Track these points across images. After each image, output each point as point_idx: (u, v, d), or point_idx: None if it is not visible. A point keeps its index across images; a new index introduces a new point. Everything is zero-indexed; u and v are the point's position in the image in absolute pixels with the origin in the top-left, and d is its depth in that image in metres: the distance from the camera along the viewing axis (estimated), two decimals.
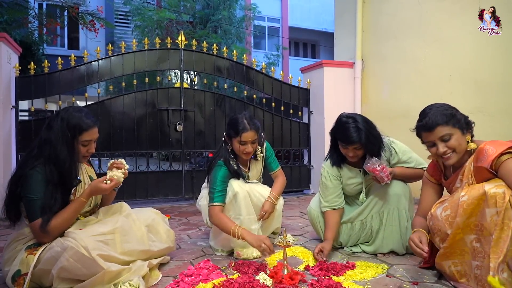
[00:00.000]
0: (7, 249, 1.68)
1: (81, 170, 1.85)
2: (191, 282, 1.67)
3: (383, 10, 4.30)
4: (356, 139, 1.93)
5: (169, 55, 4.22)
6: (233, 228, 1.95)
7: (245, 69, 4.53)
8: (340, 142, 2.03)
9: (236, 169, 2.19)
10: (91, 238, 1.55)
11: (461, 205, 1.48)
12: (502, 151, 1.45)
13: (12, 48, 3.62)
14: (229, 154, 2.21)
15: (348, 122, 1.98)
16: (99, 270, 1.50)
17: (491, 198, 1.40)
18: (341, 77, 4.61)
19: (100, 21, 6.46)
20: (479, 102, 3.27)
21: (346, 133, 1.96)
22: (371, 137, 1.97)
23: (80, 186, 1.80)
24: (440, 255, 1.62)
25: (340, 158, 2.15)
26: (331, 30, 5.98)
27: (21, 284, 1.54)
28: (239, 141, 2.11)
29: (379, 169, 1.95)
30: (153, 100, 4.12)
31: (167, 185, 4.13)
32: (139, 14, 10.49)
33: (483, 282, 1.47)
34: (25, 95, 3.71)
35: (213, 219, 2.06)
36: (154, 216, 1.96)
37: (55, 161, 1.64)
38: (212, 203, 2.08)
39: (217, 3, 10.87)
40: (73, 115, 1.70)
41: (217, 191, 2.09)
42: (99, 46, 4.08)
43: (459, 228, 1.50)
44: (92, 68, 3.91)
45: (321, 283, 1.62)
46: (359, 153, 2.02)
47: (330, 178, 2.17)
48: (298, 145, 4.76)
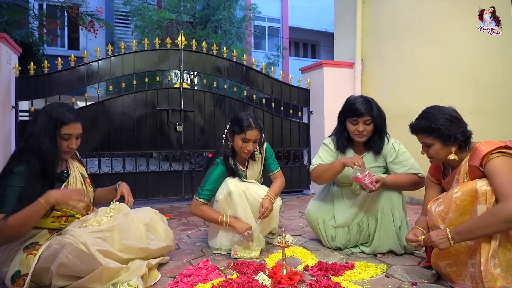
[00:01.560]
0: (5, 250, 1.68)
1: (72, 167, 1.86)
2: (190, 283, 1.67)
3: (383, 11, 4.30)
4: (366, 110, 2.03)
5: (169, 56, 4.22)
6: (221, 217, 2.10)
7: (245, 69, 4.53)
8: (350, 117, 2.09)
9: (233, 167, 2.20)
10: (90, 235, 1.56)
11: (454, 201, 1.52)
12: (491, 150, 1.49)
13: (12, 49, 3.62)
14: (229, 150, 2.22)
15: (357, 98, 2.13)
16: (97, 266, 1.50)
17: (482, 195, 1.45)
18: (341, 78, 4.61)
19: (99, 22, 6.46)
20: (479, 102, 3.27)
21: (356, 105, 2.06)
22: (381, 111, 2.10)
23: (71, 182, 1.80)
24: (435, 253, 1.63)
25: (347, 142, 2.20)
26: (331, 30, 5.98)
27: (21, 284, 1.54)
28: (243, 138, 2.13)
29: (361, 177, 1.93)
30: (153, 100, 4.12)
31: (167, 185, 4.13)
32: (139, 15, 10.50)
33: (476, 279, 1.48)
34: (25, 96, 3.71)
35: (195, 211, 2.19)
36: (153, 216, 1.97)
37: (38, 153, 1.65)
38: (197, 198, 2.18)
39: (217, 4, 10.87)
40: (55, 109, 1.72)
41: (206, 189, 2.18)
42: (99, 47, 4.08)
43: (452, 224, 1.53)
44: (92, 69, 3.91)
45: (320, 283, 1.62)
46: (368, 129, 2.07)
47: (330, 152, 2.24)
48: (298, 145, 4.76)
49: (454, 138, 1.61)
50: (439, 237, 1.50)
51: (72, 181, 1.82)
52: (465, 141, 1.63)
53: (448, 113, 1.64)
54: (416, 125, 1.70)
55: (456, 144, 1.62)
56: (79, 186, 1.83)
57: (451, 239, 1.47)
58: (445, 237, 1.48)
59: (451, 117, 1.63)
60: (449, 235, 1.47)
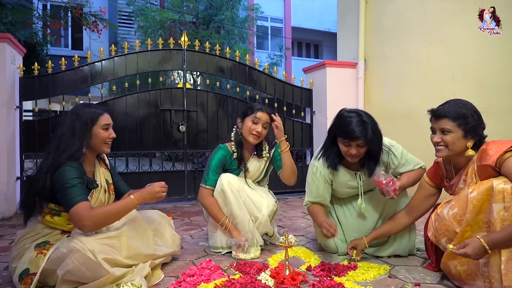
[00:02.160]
0: (16, 245, 1.69)
1: (98, 173, 1.86)
2: (193, 282, 1.68)
3: (386, 11, 4.30)
4: (361, 134, 1.78)
5: (172, 56, 4.23)
6: (223, 219, 2.12)
7: (248, 70, 4.54)
8: (342, 138, 1.86)
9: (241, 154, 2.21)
10: (98, 241, 1.55)
11: (470, 201, 1.49)
12: (506, 149, 1.48)
13: (16, 49, 3.65)
14: (239, 137, 2.23)
15: (351, 116, 1.84)
16: (103, 274, 1.50)
17: (498, 193, 1.43)
18: (344, 78, 4.60)
19: (103, 22, 6.48)
20: (482, 103, 3.24)
21: (350, 127, 1.80)
22: (377, 133, 1.84)
23: (97, 190, 1.79)
24: (447, 254, 1.62)
25: (338, 159, 1.99)
26: (334, 30, 5.98)
27: (28, 283, 1.55)
28: (253, 118, 2.16)
29: (385, 182, 1.82)
30: (156, 101, 4.13)
31: (170, 185, 4.01)
32: (142, 15, 10.53)
33: (490, 279, 1.47)
34: (29, 96, 3.73)
35: (203, 201, 2.18)
36: (161, 220, 1.98)
37: (75, 156, 1.66)
38: (204, 185, 2.19)
39: (220, 4, 10.89)
40: (84, 109, 1.77)
41: (210, 175, 2.18)
42: (102, 47, 4.10)
43: (469, 225, 1.51)
44: (96, 69, 3.93)
45: (323, 284, 1.62)
46: (361, 151, 1.86)
47: (322, 180, 2.03)
48: (301, 146, 4.76)
49: (476, 132, 1.58)
50: (475, 251, 1.43)
51: (98, 189, 1.81)
52: (480, 140, 1.61)
53: (474, 108, 1.62)
54: (443, 109, 1.60)
55: (474, 140, 1.59)
56: (103, 193, 1.83)
57: (489, 250, 1.43)
58: (483, 250, 1.42)
59: (477, 112, 1.61)
60: (486, 246, 1.42)
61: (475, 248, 1.43)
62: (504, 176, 1.47)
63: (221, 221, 2.13)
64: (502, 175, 1.49)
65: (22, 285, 1.56)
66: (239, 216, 2.12)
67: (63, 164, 1.62)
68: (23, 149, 3.67)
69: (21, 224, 3.07)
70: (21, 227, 3.01)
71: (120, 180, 2.02)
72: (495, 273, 1.45)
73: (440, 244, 1.66)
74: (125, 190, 2.03)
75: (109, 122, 1.81)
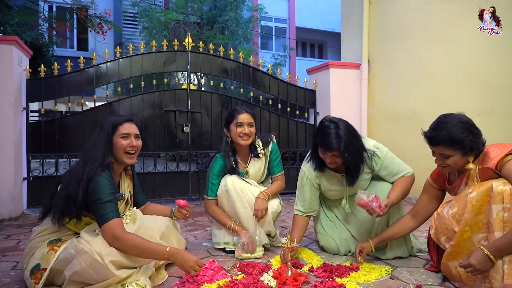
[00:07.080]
0: (30, 241, 1.73)
1: (123, 185, 1.89)
2: (197, 283, 1.70)
3: (390, 12, 4.29)
4: (334, 146, 1.83)
5: (176, 57, 4.26)
6: (229, 223, 2.19)
7: (252, 71, 4.55)
8: (319, 146, 1.93)
9: (232, 164, 2.23)
10: (105, 244, 1.58)
11: (469, 201, 1.51)
12: (506, 152, 1.51)
13: (23, 51, 3.69)
14: (228, 146, 2.26)
15: (330, 127, 1.88)
16: (109, 276, 1.53)
17: (498, 194, 1.45)
18: (347, 79, 4.60)
19: (107, 23, 6.53)
20: (486, 104, 3.26)
21: (325, 138, 1.86)
22: (351, 146, 1.86)
23: (120, 202, 1.81)
24: (447, 254, 1.63)
25: (322, 162, 2.03)
26: (339, 30, 5.97)
27: (38, 278, 1.59)
28: (236, 123, 2.19)
29: (368, 201, 1.80)
30: (160, 102, 4.16)
31: (174, 185, 4.17)
32: (147, 16, 10.58)
33: (490, 279, 1.48)
34: (35, 97, 3.78)
35: (208, 211, 2.30)
36: (168, 223, 2.00)
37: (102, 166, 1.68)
38: (207, 196, 2.28)
39: (224, 4, 10.91)
40: (107, 121, 1.81)
41: (211, 184, 2.25)
42: (107, 48, 4.13)
43: (467, 225, 1.52)
44: (101, 70, 3.96)
45: (325, 285, 1.63)
46: (337, 161, 1.91)
47: (308, 184, 2.11)
48: (304, 146, 4.77)
49: (475, 147, 1.56)
50: (478, 259, 1.44)
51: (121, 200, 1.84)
52: (479, 149, 1.60)
53: (466, 122, 1.57)
54: (437, 137, 1.58)
55: (474, 154, 1.59)
56: (124, 204, 1.86)
57: (493, 259, 1.44)
58: (486, 259, 1.43)
59: (470, 126, 1.57)
60: (489, 255, 1.43)
61: (478, 257, 1.45)
62: (504, 178, 1.49)
63: (227, 225, 2.19)
64: (501, 177, 1.51)
65: (32, 280, 1.60)
66: (242, 214, 2.15)
67: (98, 174, 1.63)
68: (29, 150, 3.71)
69: (27, 224, 3.12)
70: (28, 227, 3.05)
71: (139, 192, 2.08)
72: (496, 273, 1.46)
73: (441, 243, 1.67)
74: (141, 203, 2.09)
75: (129, 132, 1.79)
